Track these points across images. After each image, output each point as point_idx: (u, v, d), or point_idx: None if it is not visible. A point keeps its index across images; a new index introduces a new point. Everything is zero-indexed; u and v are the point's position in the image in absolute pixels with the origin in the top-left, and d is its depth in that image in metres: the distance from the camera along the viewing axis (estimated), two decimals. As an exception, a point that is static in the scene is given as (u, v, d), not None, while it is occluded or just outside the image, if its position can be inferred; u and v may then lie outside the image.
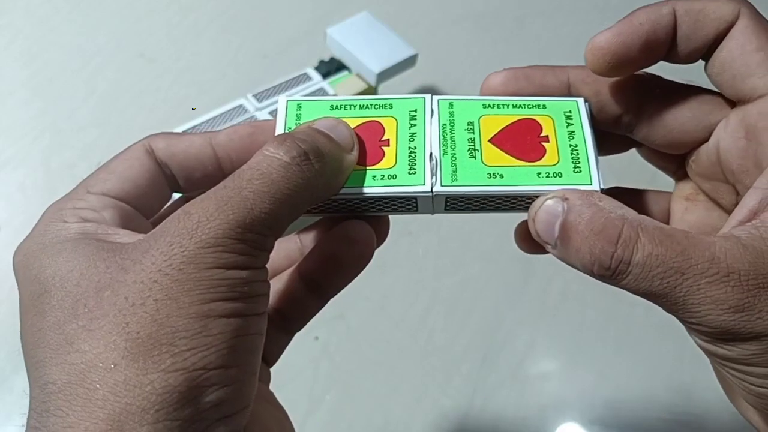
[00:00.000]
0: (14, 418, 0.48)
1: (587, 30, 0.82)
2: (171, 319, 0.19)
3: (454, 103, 0.27)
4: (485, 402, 0.50)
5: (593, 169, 0.25)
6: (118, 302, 0.19)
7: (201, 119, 0.51)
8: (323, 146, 0.23)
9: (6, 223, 0.56)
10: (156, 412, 0.18)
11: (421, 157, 0.25)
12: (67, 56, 0.68)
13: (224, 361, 0.19)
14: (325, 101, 0.26)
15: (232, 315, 0.20)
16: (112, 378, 0.19)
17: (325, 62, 0.58)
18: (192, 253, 0.20)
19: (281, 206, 0.21)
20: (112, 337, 0.19)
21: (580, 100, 0.27)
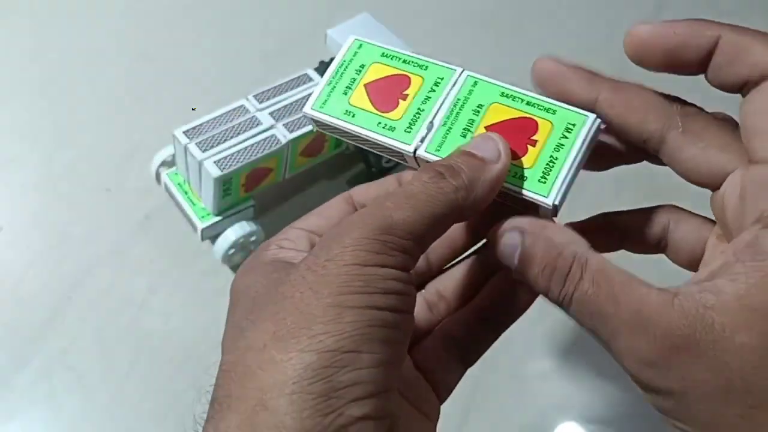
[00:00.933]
0: (16, 417, 0.48)
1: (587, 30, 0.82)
2: (311, 307, 0.22)
3: (478, 83, 0.29)
4: (485, 402, 0.50)
5: (556, 185, 0.26)
6: (276, 298, 0.23)
7: (201, 120, 0.51)
8: (461, 164, 0.25)
9: (7, 223, 0.56)
10: (293, 384, 0.21)
11: (422, 120, 0.28)
12: (69, 57, 0.68)
13: (356, 346, 0.21)
14: (378, 47, 0.30)
15: (367, 307, 0.22)
16: (262, 356, 0.22)
17: (326, 63, 0.58)
18: (334, 253, 0.23)
19: (421, 216, 0.24)
20: (266, 324, 0.22)
21: (591, 118, 0.27)
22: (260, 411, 0.21)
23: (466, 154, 0.26)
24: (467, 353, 0.29)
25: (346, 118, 0.28)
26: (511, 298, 0.28)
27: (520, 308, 0.28)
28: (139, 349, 0.51)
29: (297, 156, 0.53)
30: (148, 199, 0.58)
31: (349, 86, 0.29)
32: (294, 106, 0.53)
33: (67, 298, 0.53)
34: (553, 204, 0.26)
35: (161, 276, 0.55)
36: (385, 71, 0.29)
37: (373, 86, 0.29)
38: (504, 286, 0.28)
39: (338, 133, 0.29)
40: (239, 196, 0.52)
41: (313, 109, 0.29)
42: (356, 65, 0.29)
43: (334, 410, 0.21)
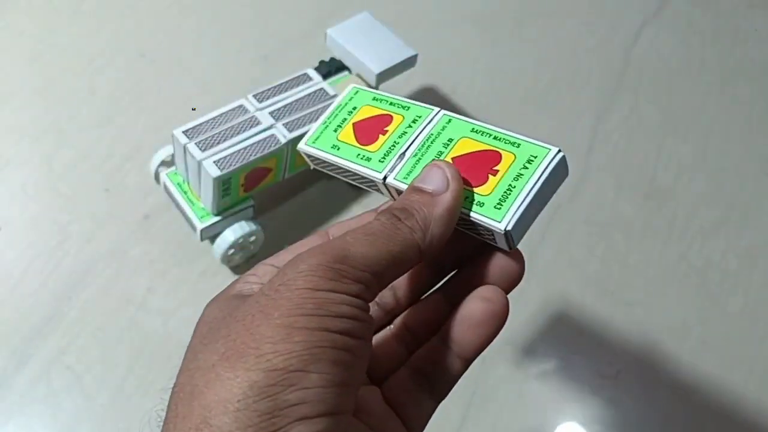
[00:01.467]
0: (15, 417, 0.48)
1: (587, 30, 0.82)
2: (261, 328, 0.22)
3: (452, 120, 0.30)
4: (485, 402, 0.50)
5: (510, 211, 0.27)
6: (228, 321, 0.23)
7: (201, 119, 0.51)
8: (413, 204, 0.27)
9: (7, 223, 0.56)
10: (237, 402, 0.21)
11: (395, 152, 0.30)
12: (69, 57, 0.68)
13: (304, 365, 0.22)
14: (371, 93, 0.32)
15: (317, 329, 0.22)
16: (209, 375, 0.22)
17: (326, 63, 0.58)
18: (288, 278, 0.23)
19: (378, 253, 0.24)
20: (217, 345, 0.23)
21: (553, 150, 0.28)
22: (204, 428, 0.21)
23: (416, 190, 0.27)
24: (437, 387, 0.28)
25: (332, 151, 0.31)
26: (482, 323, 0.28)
27: (487, 337, 0.28)
28: (138, 348, 0.51)
29: (297, 156, 0.53)
30: (148, 199, 0.58)
31: (339, 125, 0.31)
32: (294, 106, 0.53)
33: (66, 298, 0.53)
34: (505, 229, 0.26)
35: (161, 276, 0.55)
36: (372, 112, 0.32)
37: (360, 124, 0.31)
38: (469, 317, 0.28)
39: (328, 168, 0.31)
40: (238, 196, 0.52)
41: (306, 144, 0.31)
42: (350, 108, 0.32)
43: (279, 428, 0.21)
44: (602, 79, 0.71)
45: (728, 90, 0.71)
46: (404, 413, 0.28)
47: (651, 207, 0.61)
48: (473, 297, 0.28)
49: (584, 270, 0.57)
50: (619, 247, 0.58)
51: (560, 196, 0.68)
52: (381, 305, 0.30)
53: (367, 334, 0.24)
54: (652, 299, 0.56)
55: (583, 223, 0.59)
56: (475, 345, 0.28)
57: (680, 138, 0.67)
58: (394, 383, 0.29)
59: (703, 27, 0.76)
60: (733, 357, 0.53)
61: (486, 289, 0.28)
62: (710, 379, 0.53)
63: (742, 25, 0.77)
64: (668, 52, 0.74)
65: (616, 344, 0.53)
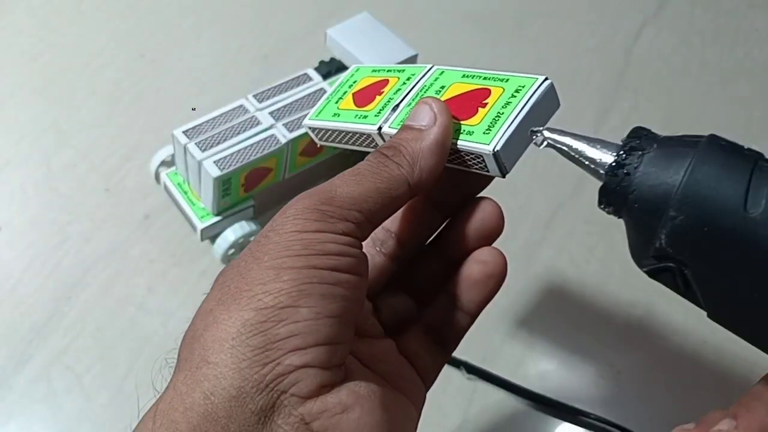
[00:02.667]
0: (15, 418, 0.48)
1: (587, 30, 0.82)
2: (252, 272, 0.23)
3: (444, 72, 0.31)
4: (485, 402, 0.50)
5: (498, 135, 0.27)
6: (225, 271, 0.25)
7: (201, 119, 0.51)
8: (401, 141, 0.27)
9: (6, 223, 0.56)
10: (232, 339, 0.22)
11: (390, 106, 0.30)
12: (68, 57, 0.68)
13: (293, 301, 0.23)
14: (371, 66, 0.33)
15: (304, 267, 0.23)
16: (207, 319, 0.23)
17: (326, 63, 0.58)
18: (277, 223, 0.25)
19: (366, 190, 0.25)
20: (214, 292, 0.24)
21: (540, 79, 0.29)
22: (202, 366, 0.23)
23: (405, 127, 0.28)
24: (447, 340, 0.30)
25: (333, 118, 0.31)
26: (481, 283, 0.29)
27: (488, 294, 0.30)
28: (138, 348, 0.51)
29: (297, 156, 0.53)
30: (148, 199, 0.58)
31: (341, 97, 0.32)
32: (294, 106, 0.53)
33: (66, 298, 0.53)
34: (494, 150, 0.26)
35: (160, 276, 0.55)
36: (370, 80, 0.32)
37: (358, 93, 0.32)
38: (470, 278, 0.29)
39: (332, 138, 0.32)
40: (239, 196, 0.52)
41: (309, 119, 0.32)
42: (350, 82, 0.33)
43: (273, 360, 0.22)
44: (602, 78, 0.71)
45: (729, 90, 0.71)
46: (419, 363, 0.29)
47: (651, 207, 0.61)
48: (472, 259, 0.29)
49: (584, 270, 0.57)
50: (619, 247, 0.58)
51: (560, 195, 0.68)
52: (387, 254, 0.31)
53: (359, 269, 0.25)
54: (652, 299, 0.56)
55: (583, 223, 0.59)
56: (478, 302, 0.30)
57: (680, 138, 0.67)
58: (409, 337, 0.30)
59: (703, 27, 0.76)
60: (734, 357, 0.53)
61: (482, 251, 0.29)
62: (711, 379, 0.53)
63: (743, 25, 0.77)
64: (668, 51, 0.74)
65: (616, 344, 0.53)
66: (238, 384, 0.22)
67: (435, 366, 0.30)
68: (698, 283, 0.24)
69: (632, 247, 0.26)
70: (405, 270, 0.31)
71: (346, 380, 0.24)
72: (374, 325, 0.30)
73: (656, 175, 0.24)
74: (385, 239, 0.31)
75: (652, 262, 0.25)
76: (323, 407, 0.23)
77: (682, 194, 0.23)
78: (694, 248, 0.23)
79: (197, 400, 0.22)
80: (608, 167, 0.25)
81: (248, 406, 0.22)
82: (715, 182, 0.22)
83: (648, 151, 0.24)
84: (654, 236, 0.24)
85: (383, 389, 0.25)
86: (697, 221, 0.23)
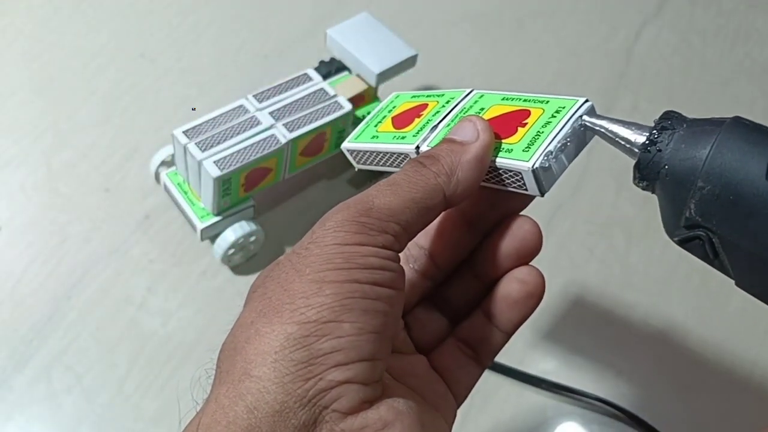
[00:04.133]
0: (15, 418, 0.48)
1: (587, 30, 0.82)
2: (294, 285, 0.23)
3: (484, 95, 0.31)
4: (485, 402, 0.50)
5: (538, 152, 0.27)
6: (265, 282, 0.25)
7: (201, 119, 0.51)
8: (440, 152, 0.27)
9: (6, 223, 0.56)
10: (275, 353, 0.22)
11: (429, 126, 0.30)
12: (68, 56, 0.68)
13: (336, 316, 0.23)
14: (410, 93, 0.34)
15: (346, 281, 0.23)
16: (248, 331, 0.23)
17: (326, 63, 0.58)
18: (316, 236, 0.24)
19: (402, 201, 0.25)
20: (255, 303, 0.24)
21: (580, 101, 0.28)
22: (245, 379, 0.22)
23: (446, 140, 0.28)
24: (482, 356, 0.30)
25: (371, 140, 0.31)
26: (520, 302, 0.29)
27: (526, 313, 0.29)
28: (138, 349, 0.51)
29: (297, 156, 0.53)
30: (148, 199, 0.58)
31: (380, 121, 0.32)
32: (294, 106, 0.53)
33: (66, 298, 0.53)
34: (533, 167, 0.26)
35: (161, 276, 0.55)
36: (410, 105, 0.33)
37: (398, 116, 0.32)
38: (507, 297, 0.29)
39: (370, 161, 0.32)
40: (239, 196, 0.52)
41: (348, 142, 0.32)
42: (390, 107, 0.33)
43: (315, 375, 0.22)
44: (603, 78, 0.71)
45: (729, 90, 0.71)
46: (451, 378, 0.30)
47: (651, 207, 0.61)
48: (511, 278, 0.29)
49: (584, 270, 0.57)
50: (619, 247, 0.58)
51: (560, 195, 0.68)
52: (419, 271, 0.31)
53: (398, 283, 0.25)
54: (653, 299, 0.56)
55: (583, 222, 0.59)
56: (515, 321, 0.30)
57: (680, 138, 0.66)
58: (441, 351, 0.30)
59: (703, 26, 0.76)
60: (734, 357, 0.53)
61: (521, 270, 0.29)
62: (711, 379, 0.53)
63: (743, 25, 0.77)
64: (669, 51, 0.74)
65: (616, 344, 0.53)
66: (281, 398, 0.22)
67: (468, 381, 0.30)
68: (726, 250, 0.25)
69: (665, 219, 0.28)
70: (438, 288, 0.31)
71: (384, 396, 0.24)
72: (405, 341, 0.30)
73: (686, 151, 0.26)
74: (418, 256, 0.31)
75: (683, 231, 0.26)
76: (364, 423, 0.23)
77: (708, 166, 0.25)
78: (720, 216, 0.25)
79: (240, 414, 0.22)
80: (642, 145, 0.27)
81: (291, 420, 0.22)
82: (739, 155, 0.24)
83: (678, 130, 0.26)
84: (684, 206, 0.26)
85: (420, 405, 0.25)
86: (723, 190, 0.24)
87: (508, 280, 0.29)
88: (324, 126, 0.52)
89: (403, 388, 0.27)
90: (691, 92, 0.71)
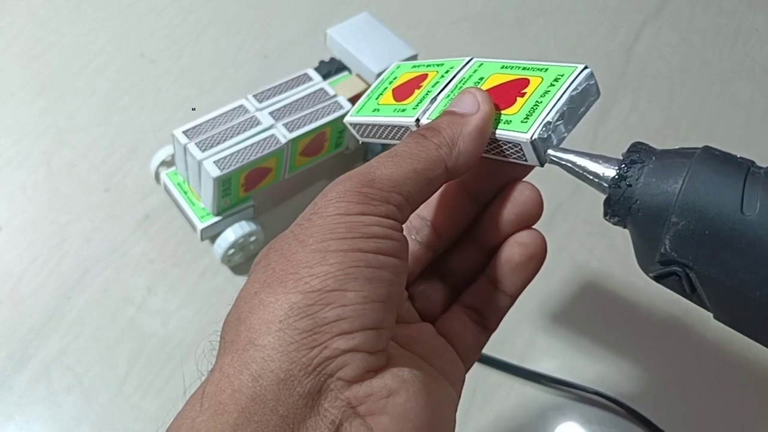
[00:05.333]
0: (15, 418, 0.48)
1: (587, 30, 0.82)
2: (297, 255, 0.23)
3: (483, 64, 0.32)
4: (485, 402, 0.50)
5: (536, 123, 0.27)
6: (268, 253, 0.25)
7: (201, 119, 0.51)
8: (441, 123, 0.27)
9: (6, 223, 0.56)
10: (279, 322, 0.22)
11: (428, 98, 0.30)
12: (68, 56, 0.68)
13: (340, 285, 0.23)
14: (411, 63, 0.34)
15: (350, 250, 0.23)
16: (252, 302, 0.23)
17: (326, 63, 0.58)
18: (318, 206, 0.24)
19: (404, 171, 0.25)
20: (258, 275, 0.24)
21: (579, 67, 0.28)
22: (249, 348, 0.22)
23: (447, 113, 0.28)
24: (488, 319, 0.30)
25: (372, 113, 0.31)
26: (522, 265, 0.29)
27: (529, 276, 0.30)
28: (138, 349, 0.51)
29: (297, 156, 0.53)
30: (148, 199, 0.58)
31: (381, 93, 0.32)
32: (294, 106, 0.53)
33: (66, 298, 0.53)
34: (531, 139, 0.26)
35: (160, 276, 0.55)
36: (410, 75, 0.33)
37: (398, 88, 0.32)
38: (510, 260, 0.29)
39: (373, 133, 0.32)
40: (239, 196, 0.52)
41: (350, 115, 0.32)
42: (391, 79, 0.33)
43: (320, 344, 0.22)
44: (603, 78, 0.70)
45: (729, 89, 0.71)
46: (459, 342, 0.29)
47: (651, 207, 0.61)
48: (512, 242, 0.29)
49: (584, 270, 0.57)
50: (619, 247, 0.58)
51: (560, 195, 0.68)
52: (423, 243, 0.31)
53: (401, 252, 0.25)
54: (653, 299, 0.55)
55: (583, 222, 0.59)
56: (519, 283, 0.30)
57: (681, 138, 0.67)
58: (447, 318, 0.30)
59: (703, 26, 0.76)
60: (734, 357, 0.53)
61: (522, 234, 0.29)
62: (710, 376, 0.53)
63: (743, 25, 0.77)
64: (669, 51, 0.74)
65: (616, 344, 0.53)
66: (286, 367, 0.22)
67: (475, 345, 0.30)
68: (702, 285, 0.25)
69: (638, 254, 0.27)
70: (440, 258, 0.31)
71: (390, 365, 0.24)
72: (409, 311, 0.30)
73: (657, 185, 0.25)
74: (420, 227, 0.31)
75: (659, 267, 0.26)
76: (369, 391, 0.23)
77: (682, 201, 0.24)
78: (696, 251, 0.24)
79: (245, 383, 0.22)
80: (611, 180, 0.27)
81: (296, 389, 0.22)
82: (713, 188, 0.24)
83: (647, 163, 0.26)
84: (658, 242, 0.25)
85: (425, 373, 0.25)
86: (698, 225, 0.24)
87: (510, 245, 0.29)
88: (324, 126, 0.52)
89: (409, 356, 0.27)
90: (691, 92, 0.71)
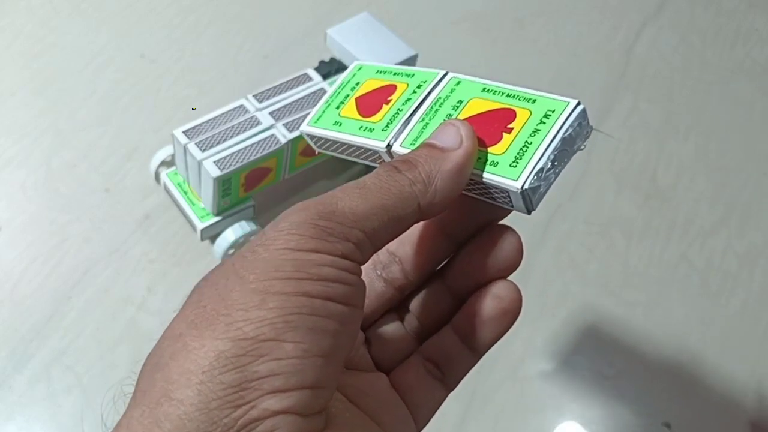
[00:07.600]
0: (15, 418, 0.48)
1: (587, 30, 0.82)
2: (233, 293, 0.20)
3: (461, 82, 0.28)
4: (485, 402, 0.50)
5: (527, 170, 0.24)
6: (202, 286, 0.21)
7: (201, 119, 0.51)
8: (418, 157, 0.24)
9: (7, 223, 0.56)
10: (202, 374, 0.19)
11: (399, 119, 0.27)
12: (69, 57, 0.68)
13: (277, 334, 0.20)
14: (375, 66, 0.30)
15: (294, 293, 0.20)
16: (175, 345, 0.20)
17: (326, 63, 0.58)
18: (267, 237, 0.21)
19: (370, 206, 0.22)
20: (187, 312, 0.21)
21: (572, 104, 0.26)
22: (164, 402, 0.19)
23: (426, 145, 0.25)
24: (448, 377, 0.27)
25: (334, 128, 0.28)
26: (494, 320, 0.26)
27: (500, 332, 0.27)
28: (138, 348, 0.51)
29: (297, 156, 0.53)
30: (148, 199, 0.58)
31: (342, 102, 0.29)
32: (294, 106, 0.53)
33: (66, 298, 0.53)
34: (522, 189, 0.24)
35: (160, 276, 0.55)
36: (375, 84, 0.29)
37: (362, 98, 0.29)
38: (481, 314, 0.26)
39: (333, 148, 0.29)
40: (239, 196, 0.52)
41: (308, 125, 0.29)
42: (353, 84, 0.30)
43: (247, 402, 0.19)
44: (603, 78, 0.71)
45: (729, 89, 0.71)
46: (413, 399, 0.27)
47: (651, 207, 0.61)
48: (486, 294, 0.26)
49: (584, 270, 0.57)
50: (619, 247, 0.58)
51: (560, 195, 0.68)
52: (389, 281, 0.27)
53: (355, 299, 0.22)
54: (653, 299, 0.56)
55: (583, 223, 0.59)
56: (488, 340, 0.26)
57: (681, 138, 0.67)
58: (404, 370, 0.27)
59: (703, 26, 0.76)
60: (734, 357, 0.53)
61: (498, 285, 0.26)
62: (711, 379, 0.53)
63: (743, 25, 0.77)
64: (669, 51, 0.74)
65: (616, 344, 0.53)
66: (204, 428, 0.19)
67: (431, 404, 0.27)
68: None
69: None
70: (405, 299, 0.28)
71: (328, 428, 0.21)
72: (364, 357, 0.27)
73: None
74: (387, 263, 0.28)
75: None
76: None
77: None
78: None
79: None
80: None
81: None
82: None
83: None
84: None
85: None
86: None
87: (483, 296, 0.26)
88: (324, 126, 0.52)
89: (354, 414, 0.24)
90: (691, 92, 0.71)
